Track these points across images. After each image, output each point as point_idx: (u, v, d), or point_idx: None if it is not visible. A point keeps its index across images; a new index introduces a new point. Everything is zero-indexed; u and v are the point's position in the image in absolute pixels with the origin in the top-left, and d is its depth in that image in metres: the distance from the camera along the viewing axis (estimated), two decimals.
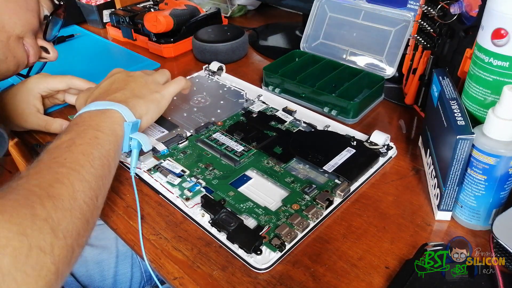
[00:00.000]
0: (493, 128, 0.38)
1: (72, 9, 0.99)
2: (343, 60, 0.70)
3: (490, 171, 0.39)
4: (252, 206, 0.45)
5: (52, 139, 0.59)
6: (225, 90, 0.67)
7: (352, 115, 0.59)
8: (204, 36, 0.79)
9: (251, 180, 0.49)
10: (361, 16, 0.69)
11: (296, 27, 0.93)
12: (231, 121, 0.59)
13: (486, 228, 0.42)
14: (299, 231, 0.42)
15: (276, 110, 0.61)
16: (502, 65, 0.39)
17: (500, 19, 0.38)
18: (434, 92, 0.49)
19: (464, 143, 0.38)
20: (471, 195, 0.41)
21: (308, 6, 0.75)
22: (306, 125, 0.58)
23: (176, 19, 0.82)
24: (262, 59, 0.82)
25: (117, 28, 0.92)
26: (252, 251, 0.39)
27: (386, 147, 0.52)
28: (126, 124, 0.46)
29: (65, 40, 0.92)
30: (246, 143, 0.54)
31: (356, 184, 0.48)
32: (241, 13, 1.05)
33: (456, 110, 0.41)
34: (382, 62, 0.67)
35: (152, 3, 0.99)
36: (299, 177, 0.49)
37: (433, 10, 0.53)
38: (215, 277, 0.39)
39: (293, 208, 0.44)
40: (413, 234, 0.42)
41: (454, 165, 0.40)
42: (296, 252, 0.41)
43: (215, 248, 0.42)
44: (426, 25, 0.56)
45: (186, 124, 0.59)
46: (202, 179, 0.49)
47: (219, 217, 0.43)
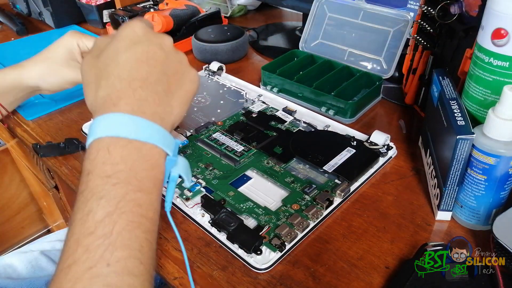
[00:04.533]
0: (493, 128, 0.38)
1: (72, 9, 1.00)
2: (342, 60, 0.70)
3: (490, 171, 0.39)
4: (252, 206, 0.45)
5: (51, 139, 0.59)
6: (225, 90, 0.67)
7: (350, 115, 0.59)
8: (204, 36, 0.79)
9: (251, 180, 0.49)
10: (360, 16, 0.69)
11: (296, 27, 0.93)
12: (231, 121, 0.59)
13: (486, 228, 0.42)
14: (299, 231, 0.42)
15: (276, 110, 0.61)
16: (502, 65, 0.39)
17: (500, 19, 0.38)
18: (434, 92, 0.49)
19: (464, 143, 0.38)
20: (471, 195, 0.41)
21: (308, 6, 0.75)
22: (306, 125, 0.58)
23: (176, 19, 0.82)
24: (262, 59, 0.82)
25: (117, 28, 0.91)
26: (252, 251, 0.39)
27: (386, 147, 0.52)
28: (169, 160, 0.35)
29: None
30: (246, 143, 0.54)
31: (356, 184, 0.48)
32: (241, 13, 1.05)
33: (456, 110, 0.41)
34: (381, 62, 0.67)
35: (152, 3, 0.99)
36: (299, 177, 0.49)
37: (433, 10, 0.53)
38: (215, 277, 0.39)
39: (293, 208, 0.44)
40: (413, 234, 0.42)
41: (454, 165, 0.40)
42: (296, 252, 0.41)
43: (215, 248, 0.42)
44: (426, 25, 0.56)
45: (186, 124, 0.59)
46: (202, 179, 0.49)
47: (219, 217, 0.43)
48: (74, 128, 0.61)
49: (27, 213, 1.17)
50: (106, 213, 0.30)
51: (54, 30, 0.99)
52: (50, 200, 0.93)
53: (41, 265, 0.63)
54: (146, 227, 0.32)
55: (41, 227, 1.22)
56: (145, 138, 0.33)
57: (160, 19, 0.79)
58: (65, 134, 0.60)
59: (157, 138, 0.34)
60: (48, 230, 1.21)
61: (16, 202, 1.13)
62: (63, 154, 0.56)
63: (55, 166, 0.55)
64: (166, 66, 0.37)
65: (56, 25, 0.98)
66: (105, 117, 0.33)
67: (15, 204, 1.13)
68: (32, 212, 1.18)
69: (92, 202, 0.30)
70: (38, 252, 0.64)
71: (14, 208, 1.14)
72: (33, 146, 0.57)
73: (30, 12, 1.05)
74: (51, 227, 1.18)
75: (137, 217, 0.31)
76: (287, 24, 0.98)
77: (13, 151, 1.01)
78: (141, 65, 0.36)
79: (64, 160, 0.55)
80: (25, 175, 1.06)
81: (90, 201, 0.30)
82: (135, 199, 0.31)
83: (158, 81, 0.36)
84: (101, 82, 0.35)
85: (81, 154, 0.56)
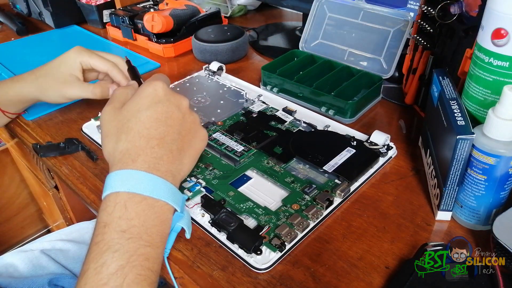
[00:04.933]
0: (493, 128, 0.38)
1: (72, 9, 1.00)
2: (342, 60, 0.70)
3: (490, 171, 0.39)
4: (252, 206, 0.45)
5: (51, 139, 0.59)
6: (225, 90, 0.67)
7: (350, 115, 0.59)
8: (204, 36, 0.79)
9: (251, 180, 0.49)
10: (360, 16, 0.69)
11: (296, 27, 0.93)
12: (231, 121, 0.59)
13: (486, 228, 0.42)
14: (299, 231, 0.42)
15: (276, 110, 0.61)
16: (502, 65, 0.39)
17: (500, 19, 0.38)
18: (434, 92, 0.49)
19: (464, 143, 0.38)
20: (471, 195, 0.41)
21: (308, 6, 0.75)
22: (306, 125, 0.58)
23: (176, 19, 0.82)
24: (262, 59, 0.82)
25: (117, 28, 0.92)
26: (252, 251, 0.39)
27: (386, 147, 0.52)
28: (176, 216, 0.39)
29: None
30: (246, 143, 0.54)
31: (356, 184, 0.48)
32: (241, 13, 1.05)
33: (456, 110, 0.41)
34: (381, 62, 0.67)
35: (152, 3, 0.99)
36: (299, 177, 0.49)
37: (433, 10, 0.53)
38: (215, 277, 0.39)
39: (293, 208, 0.44)
40: (413, 234, 0.42)
41: (454, 165, 0.40)
42: (296, 252, 0.41)
43: (215, 248, 0.42)
44: (426, 25, 0.56)
45: None
46: (202, 179, 0.49)
47: (219, 217, 0.43)
48: (74, 128, 0.61)
49: (27, 213, 1.17)
50: (119, 267, 0.32)
51: (54, 30, 0.99)
52: (50, 200, 0.93)
53: (41, 264, 0.63)
54: (151, 279, 0.34)
55: (41, 227, 1.22)
56: (158, 195, 0.36)
57: (160, 19, 0.79)
58: (65, 134, 0.60)
59: (169, 196, 0.37)
60: (48, 230, 1.21)
61: (16, 202, 1.13)
62: (63, 154, 0.56)
63: (55, 166, 0.55)
64: (182, 126, 0.41)
65: (56, 25, 0.98)
66: (124, 172, 0.36)
67: (15, 204, 1.13)
68: (32, 212, 1.18)
69: (108, 255, 0.33)
70: (38, 251, 0.64)
71: (14, 208, 1.14)
72: (33, 146, 0.57)
73: (30, 12, 1.05)
74: (51, 227, 1.18)
75: (144, 270, 0.33)
76: (287, 24, 0.98)
77: (13, 151, 1.01)
78: (159, 124, 0.39)
79: (64, 160, 0.55)
80: (25, 175, 1.06)
81: (105, 254, 0.33)
82: (145, 254, 0.34)
83: (174, 141, 0.39)
84: (121, 136, 0.39)
85: (81, 154, 0.56)
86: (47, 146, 0.56)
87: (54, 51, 0.89)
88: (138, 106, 0.40)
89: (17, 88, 0.58)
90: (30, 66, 0.61)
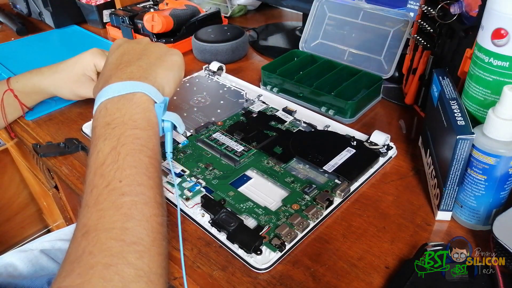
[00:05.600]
0: (493, 128, 0.38)
1: (72, 9, 1.00)
2: (342, 60, 0.70)
3: (490, 171, 0.39)
4: (252, 206, 0.45)
5: (51, 139, 0.59)
6: (225, 90, 0.67)
7: (350, 115, 0.59)
8: (204, 36, 0.79)
9: (251, 180, 0.49)
10: (360, 16, 0.69)
11: (296, 27, 0.93)
12: (231, 121, 0.59)
13: (486, 228, 0.42)
14: (299, 231, 0.42)
15: (276, 110, 0.61)
16: (502, 65, 0.39)
17: (500, 19, 0.38)
18: (434, 92, 0.49)
19: (464, 143, 0.38)
20: (471, 195, 0.41)
21: (308, 6, 0.75)
22: (306, 125, 0.58)
23: (176, 19, 0.82)
24: (262, 59, 0.82)
25: (117, 28, 0.92)
26: (252, 251, 0.39)
27: (386, 147, 0.52)
28: (157, 106, 0.42)
29: None
30: (246, 143, 0.54)
31: (356, 184, 0.48)
32: (241, 13, 1.05)
33: (456, 110, 0.41)
34: (381, 62, 0.67)
35: (152, 3, 0.99)
36: (299, 177, 0.49)
37: (433, 10, 0.53)
38: (215, 277, 0.39)
39: (293, 208, 0.44)
40: (413, 234, 0.42)
41: (454, 165, 0.40)
42: (296, 252, 0.41)
43: (215, 248, 0.42)
44: (426, 25, 0.56)
45: (186, 124, 0.59)
46: (202, 179, 0.49)
47: (219, 217, 0.43)
48: (74, 128, 0.61)
49: (27, 213, 1.17)
50: (111, 148, 0.37)
51: (54, 30, 0.99)
52: (50, 200, 0.93)
53: (41, 264, 0.63)
54: (148, 153, 0.38)
55: (41, 227, 1.22)
56: (133, 90, 0.41)
57: (160, 19, 0.79)
58: (65, 134, 0.60)
59: (144, 89, 0.41)
60: (48, 230, 1.21)
61: (16, 202, 1.13)
62: (63, 154, 0.56)
63: (55, 166, 0.55)
64: (145, 51, 0.47)
65: (56, 25, 0.98)
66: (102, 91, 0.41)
67: (15, 204, 1.13)
68: (32, 212, 1.18)
69: (99, 144, 0.38)
70: (38, 251, 0.65)
71: (14, 208, 1.14)
72: (33, 146, 0.57)
73: (30, 12, 1.05)
74: (51, 227, 1.18)
75: (137, 146, 0.38)
76: (287, 24, 0.98)
77: (13, 151, 1.01)
78: (124, 56, 0.46)
79: (64, 160, 0.55)
80: (25, 175, 1.06)
81: (98, 144, 0.38)
82: (133, 134, 0.38)
83: (140, 60, 0.45)
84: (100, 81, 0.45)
85: (81, 154, 0.56)
86: (47, 146, 0.56)
87: (54, 51, 0.90)
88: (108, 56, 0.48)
89: (35, 80, 0.60)
90: (30, 66, 0.61)
